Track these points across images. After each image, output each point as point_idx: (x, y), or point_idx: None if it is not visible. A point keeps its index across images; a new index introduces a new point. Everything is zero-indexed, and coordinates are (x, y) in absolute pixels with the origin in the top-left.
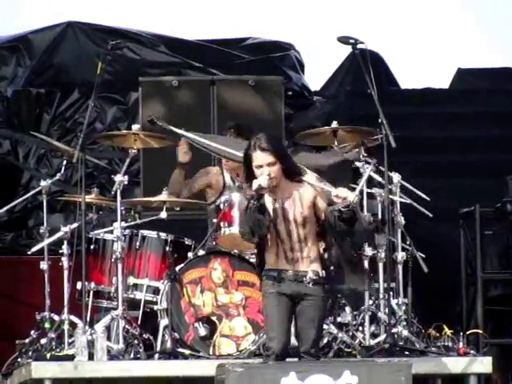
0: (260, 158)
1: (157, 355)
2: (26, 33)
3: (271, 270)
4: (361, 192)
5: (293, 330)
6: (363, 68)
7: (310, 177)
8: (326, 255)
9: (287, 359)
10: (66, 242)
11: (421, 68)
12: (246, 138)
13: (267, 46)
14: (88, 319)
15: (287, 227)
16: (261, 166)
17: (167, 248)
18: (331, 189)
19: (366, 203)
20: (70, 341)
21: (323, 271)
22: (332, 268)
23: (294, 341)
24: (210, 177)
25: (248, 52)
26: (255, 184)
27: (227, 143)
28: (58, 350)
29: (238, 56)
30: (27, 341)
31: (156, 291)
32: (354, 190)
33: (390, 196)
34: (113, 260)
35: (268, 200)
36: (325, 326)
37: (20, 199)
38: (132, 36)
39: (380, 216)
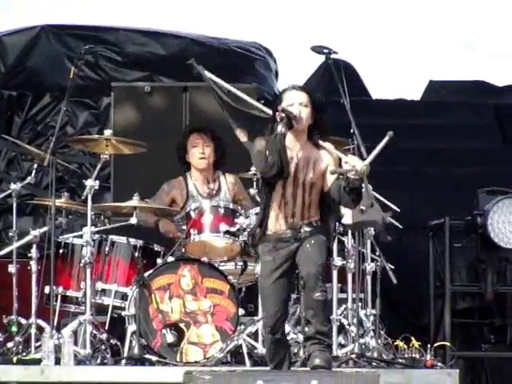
0: (293, 95)
1: (124, 361)
2: (0, 35)
3: (269, 235)
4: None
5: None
6: (336, 78)
7: (328, 144)
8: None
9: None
10: (34, 246)
11: (393, 79)
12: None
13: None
14: (55, 323)
15: (295, 190)
16: (291, 105)
17: (136, 254)
18: (342, 155)
19: None
20: (37, 345)
21: (318, 221)
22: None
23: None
24: (173, 193)
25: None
26: (286, 108)
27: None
28: (24, 353)
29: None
30: None
31: (124, 297)
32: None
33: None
34: (81, 265)
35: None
36: (292, 336)
37: None
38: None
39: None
